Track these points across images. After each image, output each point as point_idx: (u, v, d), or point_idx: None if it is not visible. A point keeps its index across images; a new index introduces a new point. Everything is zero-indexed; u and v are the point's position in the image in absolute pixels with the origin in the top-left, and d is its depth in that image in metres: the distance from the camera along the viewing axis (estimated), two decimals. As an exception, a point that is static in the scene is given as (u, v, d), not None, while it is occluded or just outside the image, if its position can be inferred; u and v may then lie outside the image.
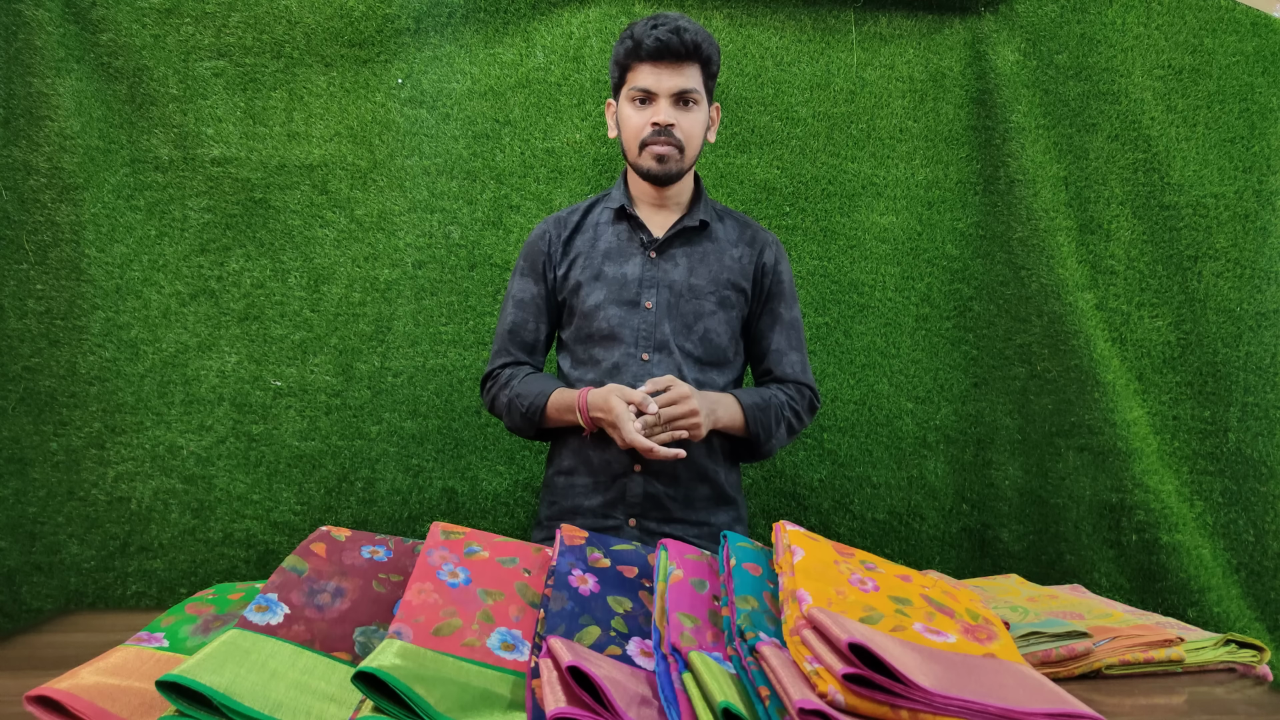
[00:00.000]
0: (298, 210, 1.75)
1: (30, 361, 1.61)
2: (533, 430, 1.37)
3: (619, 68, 1.36)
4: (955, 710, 0.63)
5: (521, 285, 1.44)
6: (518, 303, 1.43)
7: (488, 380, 1.44)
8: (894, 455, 1.90)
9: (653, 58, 1.30)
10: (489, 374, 1.43)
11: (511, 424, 1.39)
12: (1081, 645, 0.99)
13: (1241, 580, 1.78)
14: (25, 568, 1.60)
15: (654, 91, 1.31)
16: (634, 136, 1.34)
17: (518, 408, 1.35)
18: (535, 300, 1.43)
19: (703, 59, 1.32)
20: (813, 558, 0.83)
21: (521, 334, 1.43)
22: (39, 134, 1.61)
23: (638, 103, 1.33)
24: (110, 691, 0.72)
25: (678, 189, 1.41)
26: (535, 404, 1.34)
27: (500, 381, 1.40)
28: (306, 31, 1.73)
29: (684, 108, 1.33)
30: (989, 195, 1.91)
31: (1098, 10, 1.84)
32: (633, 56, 1.31)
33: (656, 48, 1.28)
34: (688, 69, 1.31)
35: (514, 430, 1.40)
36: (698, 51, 1.31)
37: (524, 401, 1.35)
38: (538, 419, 1.34)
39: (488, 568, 0.91)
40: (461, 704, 0.69)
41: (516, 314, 1.43)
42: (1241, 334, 1.81)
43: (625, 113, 1.35)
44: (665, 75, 1.30)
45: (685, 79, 1.31)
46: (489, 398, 1.43)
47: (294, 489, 1.73)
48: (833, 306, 1.90)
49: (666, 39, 1.28)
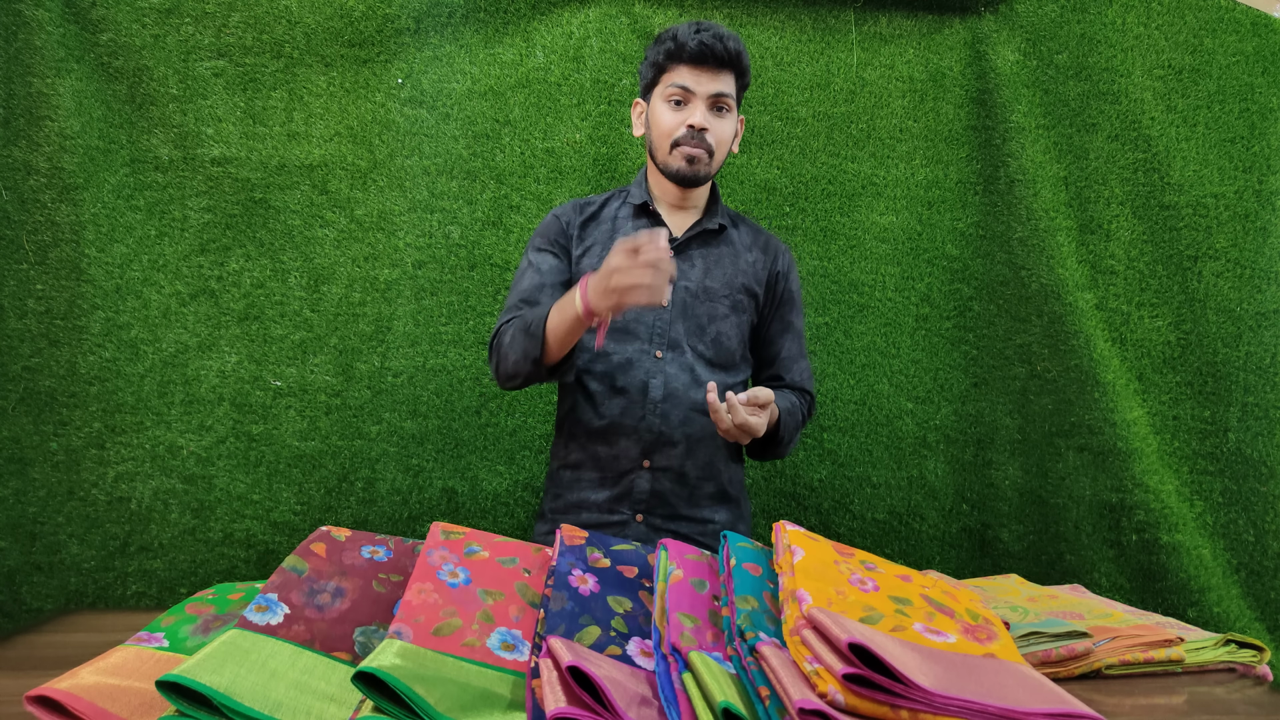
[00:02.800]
0: (298, 210, 1.75)
1: (30, 361, 1.61)
2: (538, 347, 1.23)
3: (655, 68, 1.35)
4: (955, 710, 0.63)
5: (540, 258, 1.38)
6: (537, 269, 1.37)
7: (494, 338, 1.33)
8: (894, 455, 1.90)
9: (694, 60, 1.30)
10: (495, 331, 1.33)
11: (517, 353, 1.25)
12: (1081, 645, 0.99)
13: (1241, 580, 1.78)
14: (25, 568, 1.60)
15: (692, 92, 1.31)
16: (666, 135, 1.34)
17: (520, 329, 1.26)
18: (555, 270, 1.38)
19: (740, 69, 1.34)
20: (813, 558, 0.83)
21: (537, 296, 1.34)
22: (39, 134, 1.60)
23: (673, 103, 1.33)
24: (110, 691, 0.72)
25: (699, 192, 1.42)
26: (539, 314, 1.24)
27: (504, 330, 1.31)
28: (306, 31, 1.73)
29: (718, 113, 1.33)
30: (989, 195, 1.90)
31: (1098, 10, 1.84)
32: (674, 58, 1.31)
33: (700, 51, 1.29)
34: (725, 76, 1.32)
35: (522, 362, 1.25)
36: (738, 60, 1.32)
37: (526, 319, 1.26)
38: (540, 331, 1.22)
39: (488, 568, 0.91)
40: (461, 704, 0.69)
41: (533, 277, 1.36)
42: (1241, 334, 1.81)
43: (659, 110, 1.35)
44: (705, 79, 1.31)
45: (722, 84, 1.32)
46: (496, 349, 1.31)
47: (294, 489, 1.73)
48: (833, 306, 1.90)
49: (711, 43, 1.29)
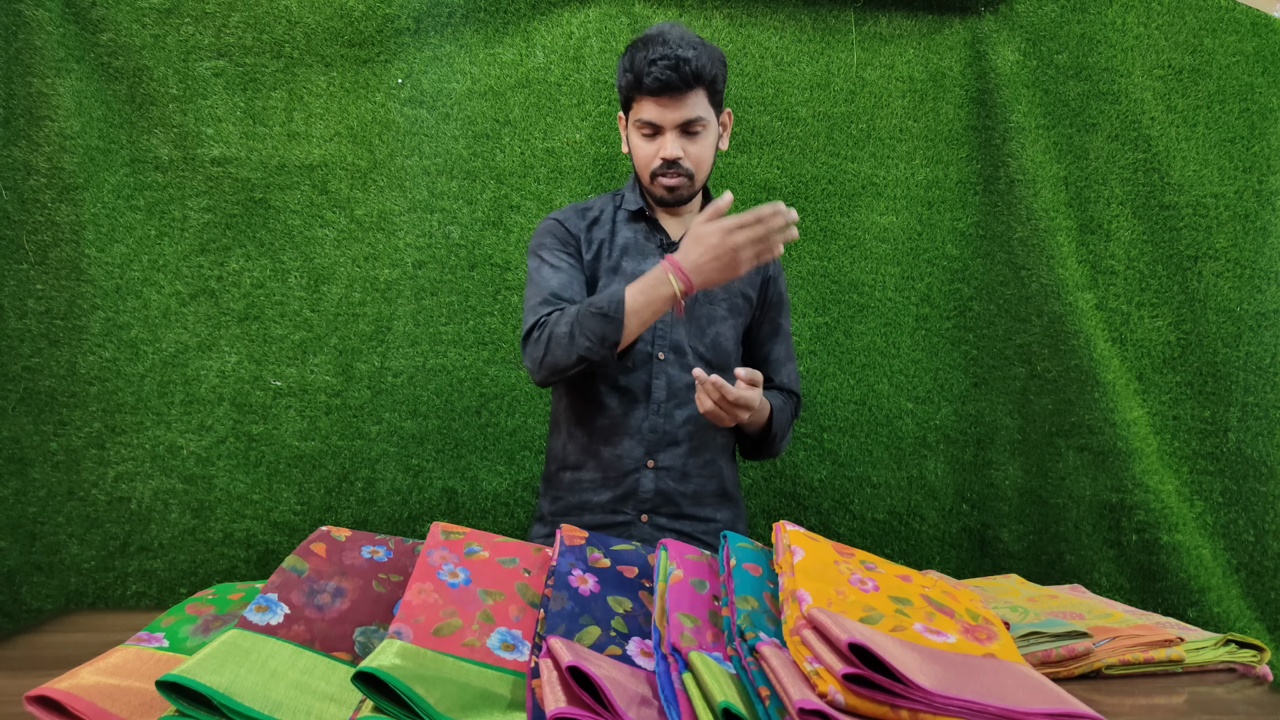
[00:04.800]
0: (298, 210, 1.75)
1: (30, 361, 1.61)
2: (617, 332, 1.18)
3: (623, 94, 1.33)
4: (955, 710, 0.63)
5: (555, 257, 1.34)
6: (555, 268, 1.32)
7: (534, 330, 1.26)
8: (894, 455, 1.90)
9: (654, 94, 1.26)
10: (535, 324, 1.26)
11: (587, 340, 1.19)
12: (1081, 645, 0.99)
13: (1241, 580, 1.78)
14: (25, 568, 1.60)
15: (659, 125, 1.29)
16: (644, 166, 1.33)
17: (590, 315, 1.19)
18: (573, 268, 1.34)
19: (706, 83, 1.27)
20: (813, 558, 0.83)
21: (569, 291, 1.30)
22: (39, 134, 1.60)
23: (644, 134, 1.31)
24: (110, 691, 0.72)
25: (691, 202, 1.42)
26: (613, 298, 1.19)
27: (550, 323, 1.24)
28: (306, 31, 1.73)
29: (690, 137, 1.30)
30: (989, 195, 1.90)
31: (1098, 10, 1.84)
32: (635, 90, 1.28)
33: (659, 85, 1.24)
34: (691, 98, 1.27)
35: (589, 352, 1.19)
36: (699, 79, 1.26)
37: (596, 305, 1.19)
38: (620, 315, 1.18)
39: (488, 568, 0.91)
40: (461, 704, 0.69)
41: (561, 276, 1.31)
42: (1241, 334, 1.81)
43: (634, 140, 1.33)
44: (669, 109, 1.27)
45: (689, 109, 1.27)
46: (541, 345, 1.24)
47: (294, 489, 1.73)
48: (833, 306, 1.90)
49: (666, 77, 1.23)
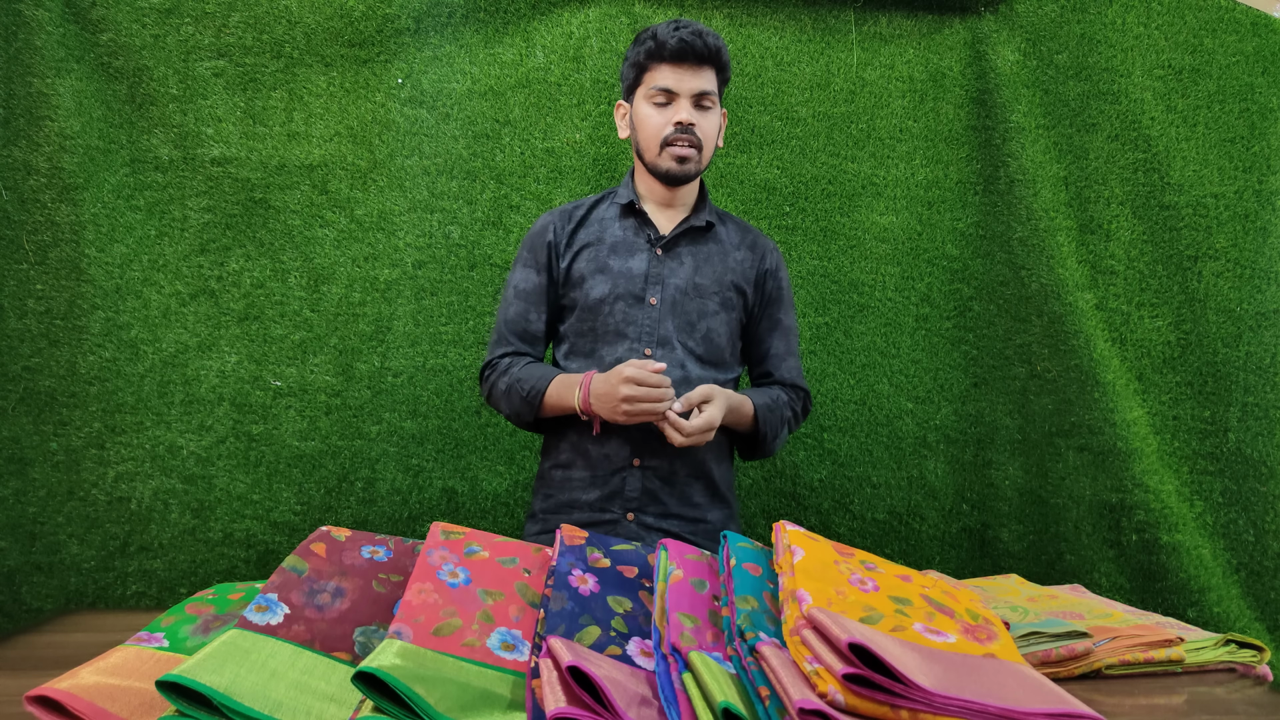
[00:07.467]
0: (298, 210, 1.75)
1: (30, 361, 1.61)
2: (531, 415, 1.35)
3: (636, 68, 1.36)
4: (955, 710, 0.63)
5: (524, 275, 1.42)
6: (519, 293, 1.42)
7: (487, 369, 1.42)
8: (894, 455, 1.90)
9: (675, 59, 1.31)
10: (488, 363, 1.42)
11: (510, 409, 1.37)
12: (1081, 645, 0.99)
13: (1241, 580, 1.78)
14: (25, 568, 1.60)
15: (675, 91, 1.32)
16: (654, 135, 1.34)
17: (518, 392, 1.34)
18: (538, 290, 1.41)
19: (720, 64, 1.35)
20: (813, 558, 0.83)
21: (523, 324, 1.41)
22: (39, 134, 1.60)
23: (657, 104, 1.34)
24: (110, 691, 0.72)
25: (687, 190, 1.43)
26: (536, 388, 1.33)
27: (499, 370, 1.39)
28: (306, 31, 1.73)
29: (702, 110, 1.35)
30: (989, 195, 1.90)
31: (1098, 10, 1.84)
32: (654, 57, 1.32)
33: (680, 49, 1.30)
34: (706, 72, 1.33)
35: (512, 417, 1.38)
36: (718, 56, 1.33)
37: (524, 386, 1.33)
38: (537, 403, 1.33)
39: (488, 568, 0.91)
40: (461, 704, 0.69)
41: (518, 304, 1.41)
42: (1241, 334, 1.81)
43: (644, 112, 1.35)
44: (687, 77, 1.32)
45: (704, 81, 1.33)
46: (487, 386, 1.41)
47: (294, 489, 1.73)
48: (833, 306, 1.90)
49: (691, 40, 1.29)
